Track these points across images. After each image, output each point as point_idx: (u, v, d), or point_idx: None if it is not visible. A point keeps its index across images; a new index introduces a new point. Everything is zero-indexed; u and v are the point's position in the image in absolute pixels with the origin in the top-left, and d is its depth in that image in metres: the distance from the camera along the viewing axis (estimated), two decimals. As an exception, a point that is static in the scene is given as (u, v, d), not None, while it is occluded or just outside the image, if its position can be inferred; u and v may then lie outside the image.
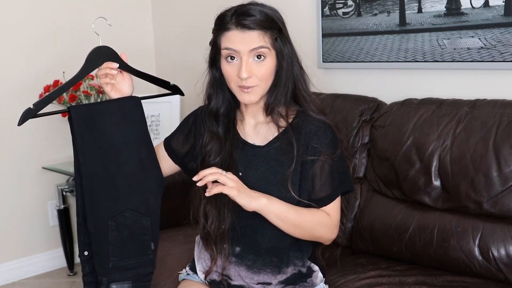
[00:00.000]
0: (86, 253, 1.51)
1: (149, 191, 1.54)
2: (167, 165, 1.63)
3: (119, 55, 1.57)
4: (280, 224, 1.45)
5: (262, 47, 1.40)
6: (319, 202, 1.49)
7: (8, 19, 2.75)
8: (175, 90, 1.69)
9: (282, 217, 1.44)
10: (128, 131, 1.53)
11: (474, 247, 1.67)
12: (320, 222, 1.49)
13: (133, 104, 1.55)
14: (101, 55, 1.54)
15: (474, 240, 1.68)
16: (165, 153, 1.63)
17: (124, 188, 1.51)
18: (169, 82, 1.68)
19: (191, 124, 1.62)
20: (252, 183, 1.46)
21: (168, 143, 1.64)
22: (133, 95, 1.59)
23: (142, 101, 1.57)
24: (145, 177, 1.53)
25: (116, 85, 1.56)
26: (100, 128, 1.50)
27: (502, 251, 1.63)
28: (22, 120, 1.46)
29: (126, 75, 1.58)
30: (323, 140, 1.47)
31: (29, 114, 1.47)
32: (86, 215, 1.49)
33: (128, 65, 1.58)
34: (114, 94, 1.56)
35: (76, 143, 1.48)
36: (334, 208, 1.51)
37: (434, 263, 1.75)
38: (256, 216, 1.44)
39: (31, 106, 1.48)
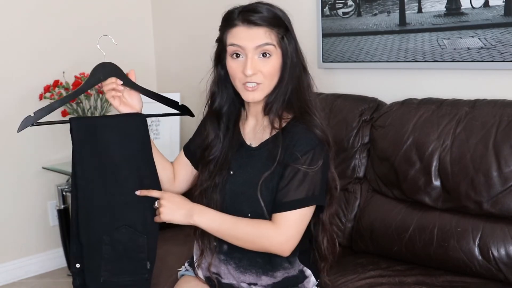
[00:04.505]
0: (78, 265, 1.49)
1: (148, 210, 1.49)
2: (188, 173, 1.62)
3: (129, 72, 1.56)
4: (218, 236, 1.46)
5: (267, 44, 1.39)
6: (278, 207, 1.41)
7: (10, 20, 2.75)
8: (184, 110, 1.67)
9: (214, 231, 1.44)
10: (130, 149, 1.50)
11: (474, 247, 1.67)
12: (260, 235, 1.41)
13: (137, 122, 1.52)
14: (105, 71, 1.53)
15: (474, 240, 1.68)
16: (185, 159, 1.62)
17: (121, 204, 1.48)
18: (178, 102, 1.66)
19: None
20: (239, 184, 1.46)
21: (187, 147, 1.64)
22: (141, 111, 1.57)
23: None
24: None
25: (124, 100, 1.55)
26: (101, 143, 1.48)
27: (502, 251, 1.64)
28: (21, 128, 1.48)
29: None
30: (303, 148, 1.40)
31: (28, 122, 1.48)
32: (80, 227, 1.47)
33: (133, 82, 1.56)
34: (123, 109, 1.55)
35: (74, 155, 1.47)
36: (290, 219, 1.40)
37: (434, 263, 1.75)
38: (239, 214, 1.44)
39: (31, 114, 1.48)
